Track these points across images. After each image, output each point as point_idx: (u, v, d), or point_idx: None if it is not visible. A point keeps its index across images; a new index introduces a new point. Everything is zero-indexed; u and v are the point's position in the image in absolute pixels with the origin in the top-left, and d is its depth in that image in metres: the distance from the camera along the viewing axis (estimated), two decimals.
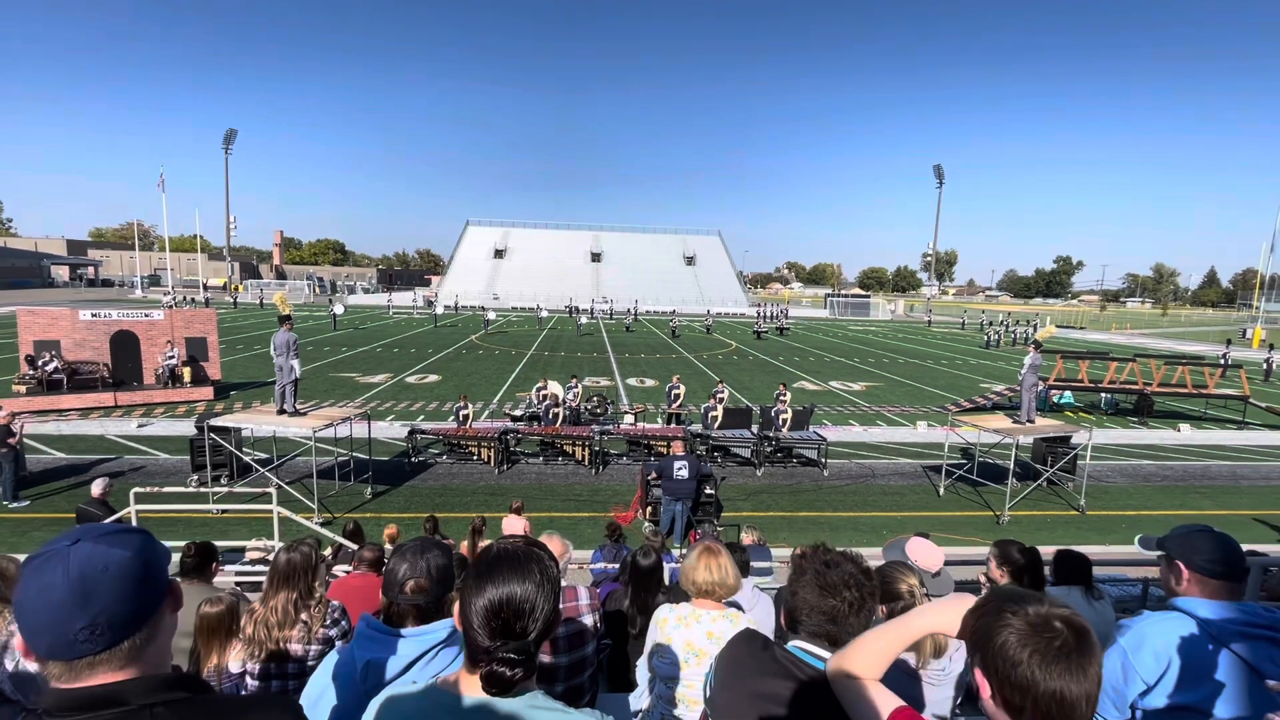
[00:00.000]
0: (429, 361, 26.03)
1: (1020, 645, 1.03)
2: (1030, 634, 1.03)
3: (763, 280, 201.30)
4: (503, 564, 1.17)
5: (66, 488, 10.63)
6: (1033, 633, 1.03)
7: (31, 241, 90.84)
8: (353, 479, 11.38)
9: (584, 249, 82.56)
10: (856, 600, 1.45)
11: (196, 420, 11.41)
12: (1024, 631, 1.04)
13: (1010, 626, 1.05)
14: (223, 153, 61.89)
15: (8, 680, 2.11)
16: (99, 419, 15.24)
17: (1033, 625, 1.04)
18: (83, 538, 0.96)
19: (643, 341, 37.09)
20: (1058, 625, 1.04)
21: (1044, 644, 1.02)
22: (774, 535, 9.43)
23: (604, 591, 3.80)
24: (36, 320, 16.89)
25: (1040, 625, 1.04)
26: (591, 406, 15.90)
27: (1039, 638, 1.03)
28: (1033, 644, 1.02)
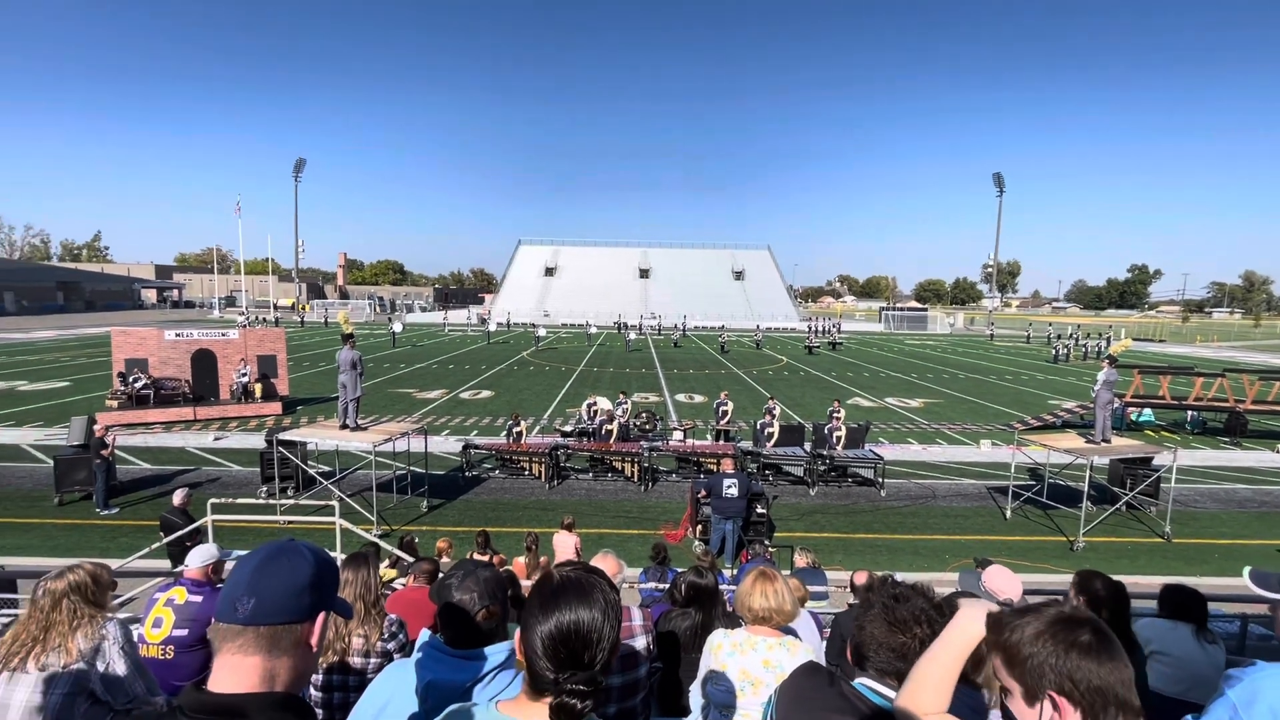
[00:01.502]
0: (482, 378, 26.66)
1: (1053, 641, 1.09)
2: (1059, 630, 1.10)
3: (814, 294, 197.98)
4: (568, 593, 1.17)
5: (151, 497, 11.34)
6: (1061, 629, 1.10)
7: (125, 267, 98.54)
8: (410, 492, 11.71)
9: (632, 265, 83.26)
10: (928, 637, 1.38)
11: (266, 434, 12.00)
12: (1052, 628, 1.11)
13: (1036, 627, 1.12)
14: (293, 180, 65.71)
15: (99, 682, 2.24)
16: (180, 432, 16.24)
17: (1058, 622, 1.12)
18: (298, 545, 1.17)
19: (691, 357, 36.96)
20: (1081, 621, 1.12)
21: (1072, 637, 1.09)
22: (828, 558, 9.15)
23: (656, 612, 3.75)
24: (128, 340, 18.22)
25: (1066, 622, 1.11)
26: (640, 423, 15.90)
27: (1067, 632, 1.10)
28: (1064, 638, 1.09)
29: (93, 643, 2.26)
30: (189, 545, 7.38)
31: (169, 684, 3.41)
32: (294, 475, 11.54)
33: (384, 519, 10.41)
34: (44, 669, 2.15)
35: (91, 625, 2.28)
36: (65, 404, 18.88)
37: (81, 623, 2.27)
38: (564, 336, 49.67)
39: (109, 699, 2.26)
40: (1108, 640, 1.09)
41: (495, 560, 7.27)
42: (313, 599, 1.11)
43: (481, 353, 36.47)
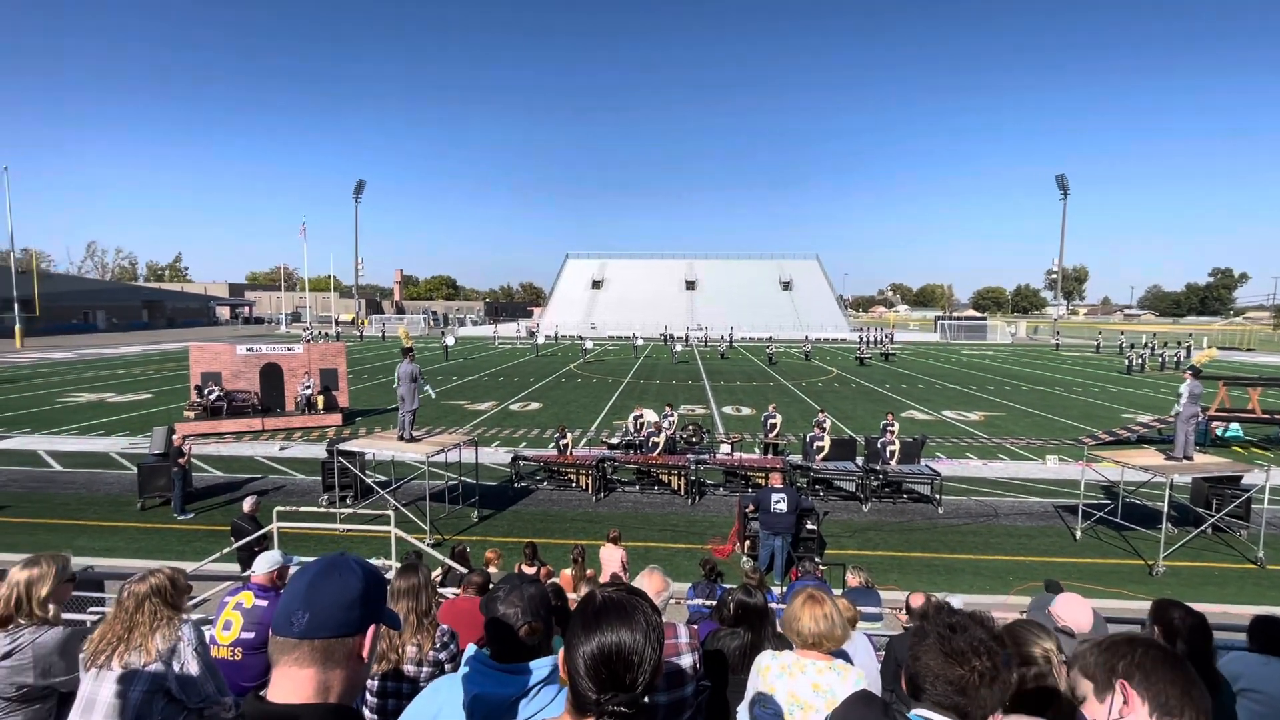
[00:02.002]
0: (531, 390, 27.12)
1: None
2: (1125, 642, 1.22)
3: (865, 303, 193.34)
4: (609, 614, 1.17)
5: (222, 503, 11.99)
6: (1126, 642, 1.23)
7: (202, 286, 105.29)
8: (461, 502, 11.98)
9: (678, 277, 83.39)
10: (988, 671, 1.32)
11: (327, 445, 12.53)
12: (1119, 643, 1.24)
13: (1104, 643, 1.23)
14: (353, 201, 68.90)
15: (174, 681, 2.38)
16: (249, 441, 17.14)
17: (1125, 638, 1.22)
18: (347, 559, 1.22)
19: (738, 369, 36.61)
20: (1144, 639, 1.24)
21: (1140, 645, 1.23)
22: (883, 577, 8.85)
23: (703, 630, 3.71)
24: (204, 355, 19.41)
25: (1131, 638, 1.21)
26: (687, 435, 15.83)
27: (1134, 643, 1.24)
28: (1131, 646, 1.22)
29: (170, 643, 2.40)
30: (257, 551, 7.76)
31: (237, 684, 3.59)
32: (353, 484, 11.99)
33: (436, 528, 10.68)
34: (126, 667, 2.30)
35: (169, 627, 2.43)
36: (148, 415, 20.21)
37: (160, 624, 2.42)
38: (610, 349, 50.04)
39: (183, 697, 2.40)
40: (1170, 650, 1.12)
41: (543, 572, 7.35)
42: (363, 612, 1.15)
43: (530, 365, 37.12)
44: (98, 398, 23.72)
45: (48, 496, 12.25)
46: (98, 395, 24.26)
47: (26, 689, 2.42)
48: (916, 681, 1.41)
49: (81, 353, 41.52)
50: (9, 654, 2.39)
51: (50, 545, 9.69)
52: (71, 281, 73.33)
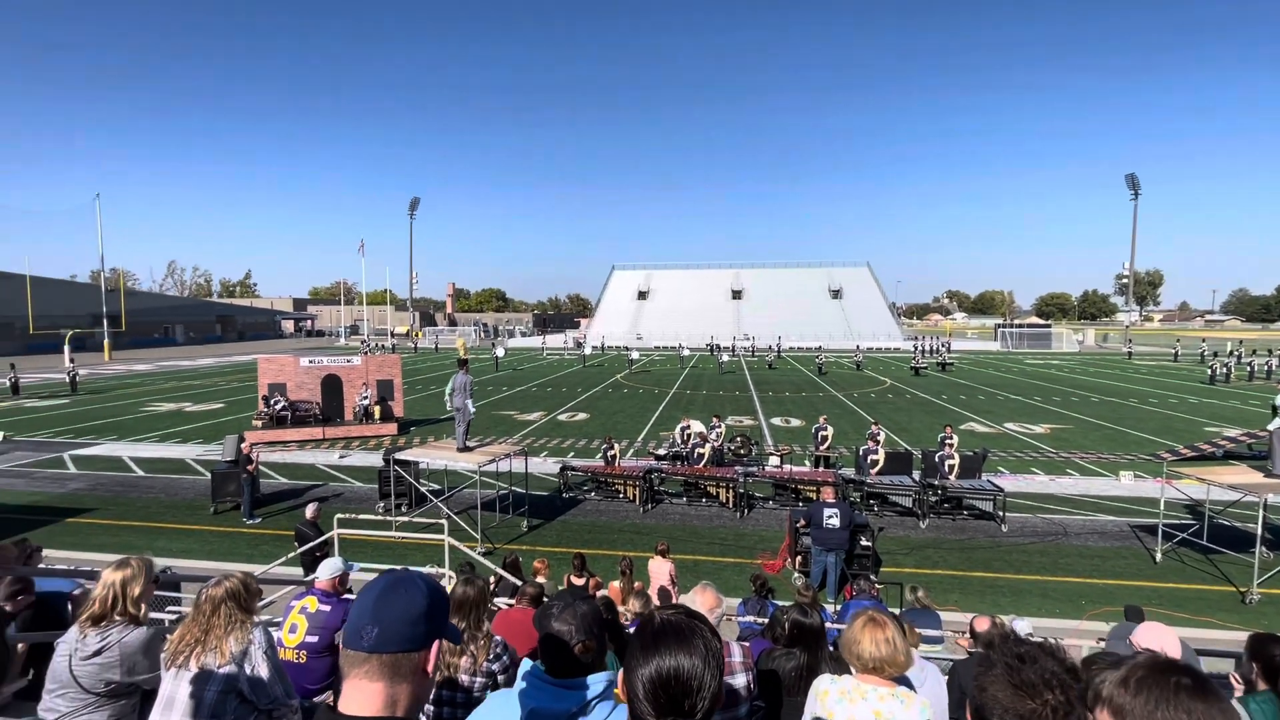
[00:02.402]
0: (578, 400, 27.39)
1: None
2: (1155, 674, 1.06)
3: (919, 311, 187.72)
4: (668, 637, 1.16)
5: (286, 509, 12.54)
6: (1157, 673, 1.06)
7: (269, 301, 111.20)
8: (511, 511, 12.16)
9: (724, 287, 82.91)
10: (1062, 705, 1.24)
11: (384, 454, 12.95)
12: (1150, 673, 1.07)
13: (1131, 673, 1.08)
14: (408, 217, 71.49)
15: (246, 682, 2.49)
16: (311, 450, 17.90)
17: (1154, 667, 1.07)
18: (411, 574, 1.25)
19: (787, 379, 36.02)
20: (1176, 665, 1.07)
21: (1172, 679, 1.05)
22: (943, 597, 8.49)
23: (756, 648, 3.64)
24: (271, 366, 20.43)
25: (1162, 667, 1.07)
26: (735, 447, 15.65)
27: (1166, 675, 1.06)
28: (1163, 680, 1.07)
29: (242, 646, 2.51)
30: (319, 556, 8.07)
31: (301, 686, 3.72)
32: (408, 492, 12.34)
33: (488, 537, 10.87)
34: (203, 668, 2.42)
35: (242, 630, 2.55)
36: (221, 423, 21.39)
37: (234, 627, 2.54)
38: (656, 359, 50.10)
39: (254, 699, 2.50)
40: (1208, 682, 1.04)
41: (592, 583, 7.37)
42: (428, 628, 1.18)
43: (577, 376, 37.52)
44: (176, 407, 25.27)
45: (130, 500, 13.09)
46: (175, 405, 25.84)
47: (114, 685, 2.58)
48: (983, 714, 1.33)
49: (161, 365, 44.37)
50: (99, 651, 2.55)
51: (133, 547, 10.35)
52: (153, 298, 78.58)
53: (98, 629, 2.58)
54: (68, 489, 13.82)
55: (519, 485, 12.73)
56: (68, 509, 12.42)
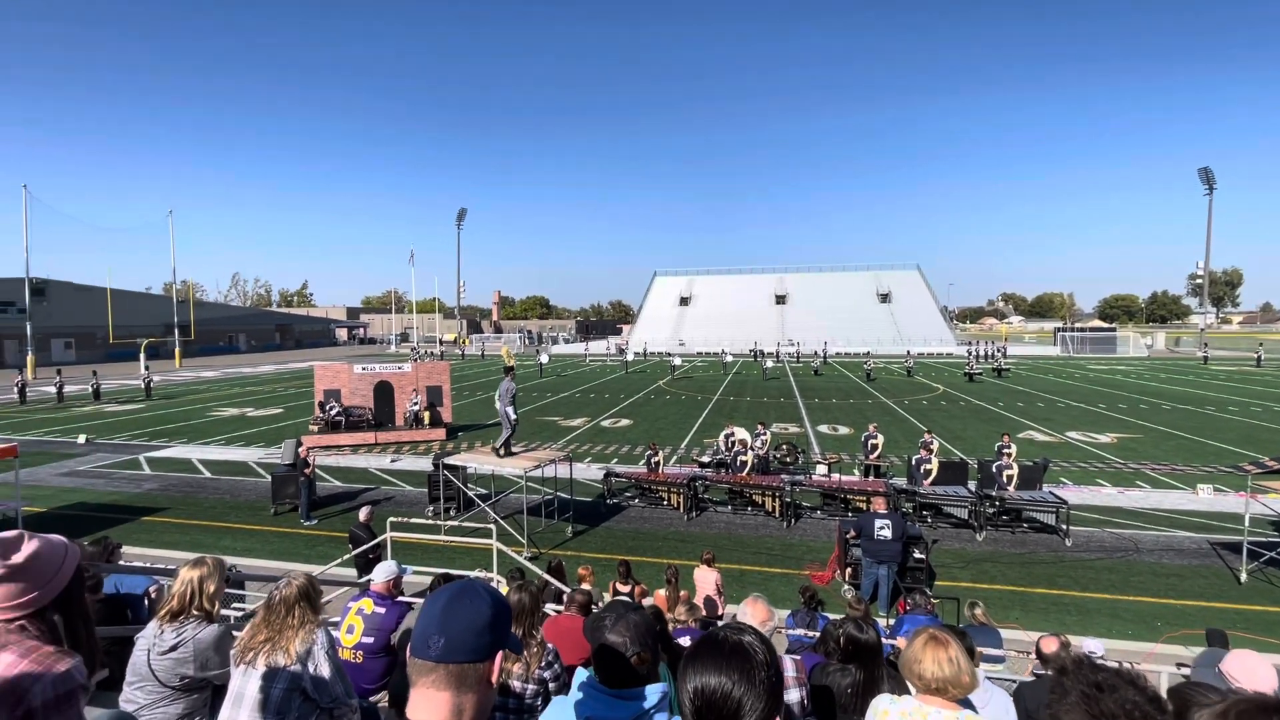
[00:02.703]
0: (621, 406, 27.49)
1: None
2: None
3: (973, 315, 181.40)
4: (716, 654, 1.15)
5: (340, 511, 12.98)
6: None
7: (324, 310, 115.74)
8: (556, 517, 12.27)
9: (768, 292, 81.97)
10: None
11: (433, 458, 13.28)
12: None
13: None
14: (455, 228, 73.41)
15: (309, 681, 2.58)
16: (364, 454, 18.51)
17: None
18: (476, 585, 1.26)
19: (834, 386, 35.29)
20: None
21: None
22: (1002, 614, 8.14)
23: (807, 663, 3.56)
24: (326, 373, 21.26)
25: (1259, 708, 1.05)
26: (781, 455, 15.41)
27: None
28: None
29: (306, 646, 2.60)
30: (372, 558, 8.33)
31: (358, 686, 3.83)
32: (456, 497, 12.61)
33: (533, 542, 10.99)
34: (270, 666, 2.52)
35: (306, 630, 2.64)
36: (280, 428, 22.36)
37: (301, 628, 2.63)
38: (699, 365, 49.87)
39: (316, 697, 2.59)
40: None
41: (637, 591, 7.36)
42: (492, 638, 1.19)
43: (620, 382, 37.68)
44: (239, 412, 26.55)
45: (199, 500, 13.80)
46: (239, 410, 27.15)
47: (188, 679, 2.70)
48: None
49: (226, 371, 46.73)
50: (175, 647, 2.68)
51: (202, 545, 10.90)
52: (219, 309, 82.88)
53: (174, 625, 2.71)
54: (143, 489, 14.67)
55: (564, 491, 12.84)
56: (143, 508, 13.17)
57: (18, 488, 12.20)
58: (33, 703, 1.38)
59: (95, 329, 54.46)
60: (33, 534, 1.56)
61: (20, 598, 1.49)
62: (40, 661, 1.43)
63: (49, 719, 1.40)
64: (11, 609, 1.48)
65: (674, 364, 42.00)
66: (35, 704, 1.39)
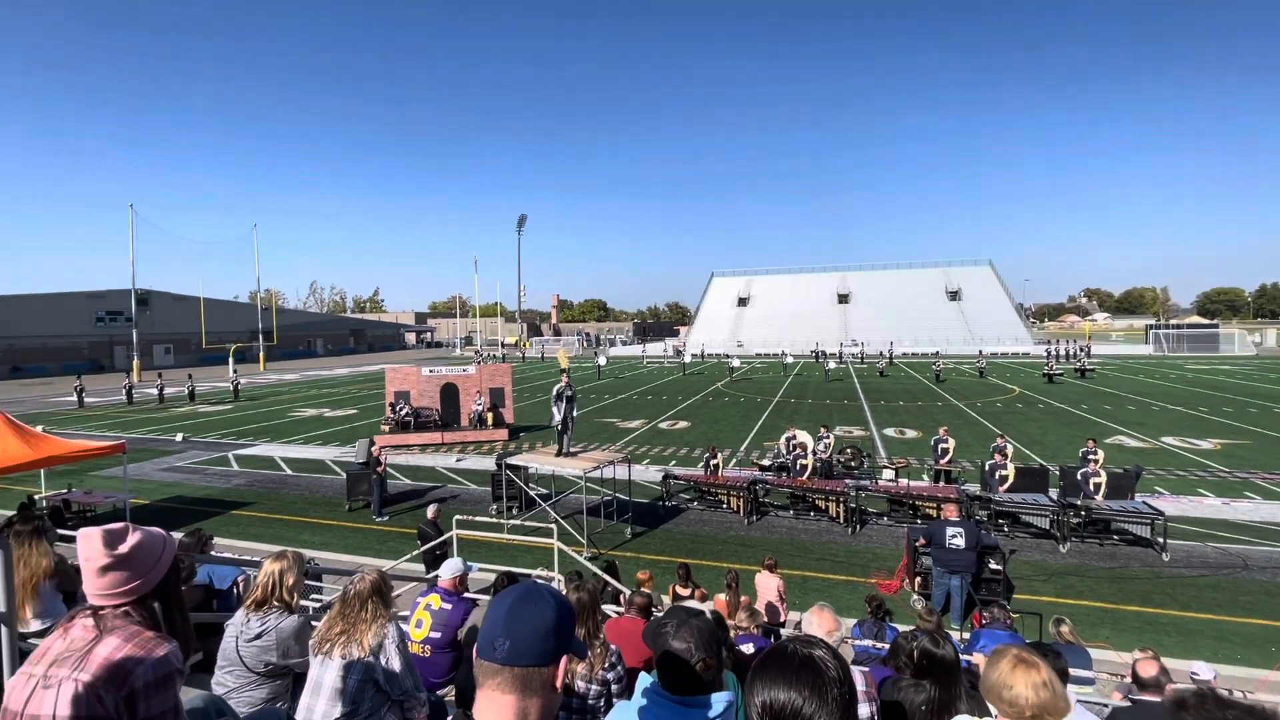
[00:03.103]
0: (679, 408, 27.41)
1: None
2: None
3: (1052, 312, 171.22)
4: (791, 669, 1.11)
5: (410, 509, 13.50)
6: None
7: (393, 315, 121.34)
8: (615, 518, 12.34)
9: (829, 291, 79.98)
10: None
11: (496, 458, 13.61)
12: None
13: None
14: (516, 234, 75.27)
15: (381, 673, 2.67)
16: (431, 453, 19.20)
17: None
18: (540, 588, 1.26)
19: (900, 387, 34.01)
20: None
21: None
22: (1090, 632, 7.61)
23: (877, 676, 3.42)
24: (396, 376, 22.20)
25: None
26: (845, 459, 14.98)
27: None
28: None
29: (378, 639, 2.70)
30: (439, 554, 8.61)
31: (427, 680, 3.95)
32: (518, 496, 12.88)
33: (593, 542, 11.09)
34: (345, 657, 2.63)
35: (378, 625, 2.74)
36: (355, 428, 23.50)
37: (374, 622, 2.74)
38: (758, 367, 49.14)
39: (388, 689, 2.68)
40: None
41: (697, 595, 7.29)
42: (556, 643, 1.18)
43: (678, 384, 37.59)
44: (317, 412, 28.08)
45: (281, 496, 14.66)
46: (317, 410, 28.72)
47: (271, 666, 2.86)
48: None
49: (306, 374, 49.56)
50: (259, 635, 2.84)
51: (284, 539, 11.57)
52: (298, 315, 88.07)
53: (259, 614, 2.88)
54: (231, 484, 15.72)
55: (622, 492, 12.90)
56: (232, 502, 14.12)
57: (125, 481, 13.34)
58: (135, 684, 1.49)
59: (190, 335, 59.00)
60: (136, 526, 1.68)
61: (124, 585, 1.60)
62: (142, 646, 1.54)
63: (149, 699, 1.51)
64: (117, 596, 1.60)
65: (732, 366, 41.54)
66: (138, 685, 1.49)
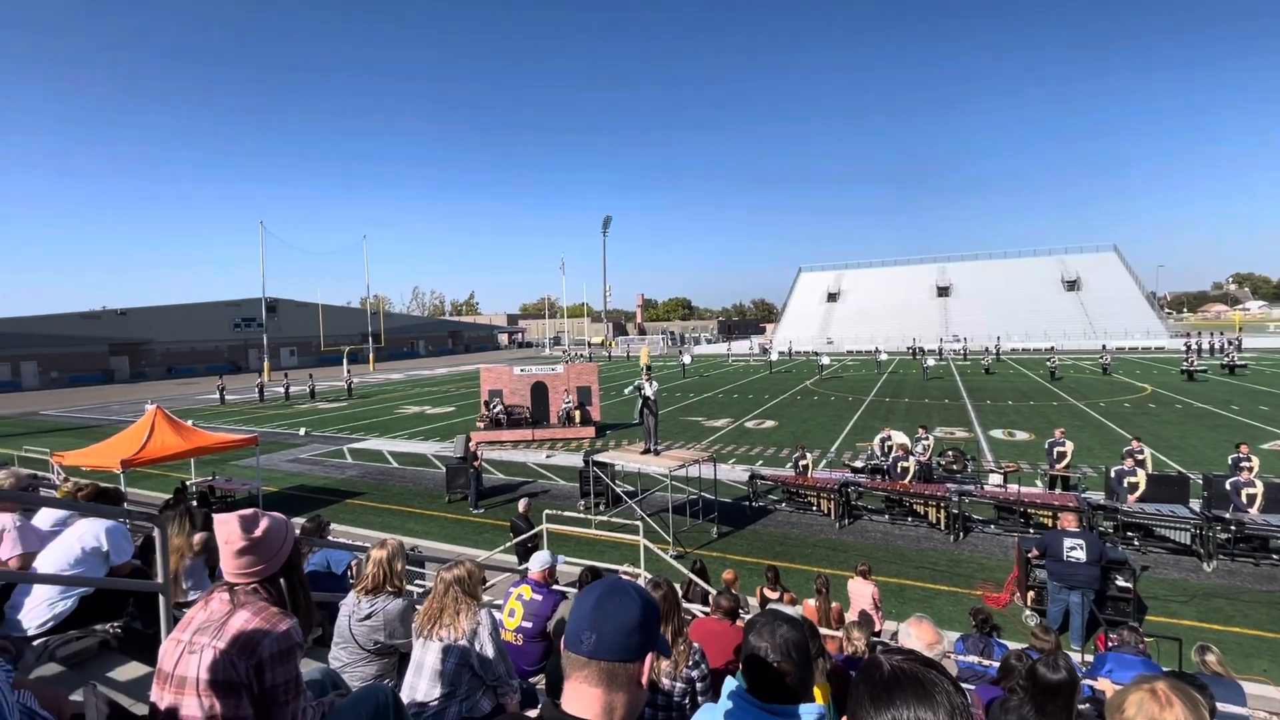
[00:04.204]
0: (766, 407, 26.89)
1: None
2: None
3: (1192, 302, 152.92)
4: (904, 688, 1.04)
5: (503, 502, 14.09)
6: None
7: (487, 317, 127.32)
8: (700, 517, 12.29)
9: (928, 283, 75.65)
10: None
11: (584, 455, 13.94)
12: None
13: None
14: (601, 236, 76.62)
15: (476, 658, 2.80)
16: (523, 449, 19.95)
17: None
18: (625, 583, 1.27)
19: (1008, 385, 31.59)
20: None
21: None
22: (1243, 663, 6.74)
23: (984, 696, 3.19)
24: (490, 375, 23.25)
25: None
26: (946, 462, 14.14)
27: None
28: None
29: (472, 625, 2.84)
30: (530, 546, 8.94)
31: (518, 667, 4.12)
32: (605, 492, 13.13)
33: (678, 540, 11.10)
34: (442, 640, 2.79)
35: (470, 611, 2.88)
36: (453, 424, 24.85)
37: (463, 608, 2.88)
38: (850, 365, 47.27)
39: (482, 674, 2.81)
40: None
41: (786, 598, 7.13)
42: (641, 639, 1.19)
43: (764, 382, 36.88)
44: (419, 410, 29.93)
45: (388, 487, 15.75)
46: (419, 408, 30.61)
47: (380, 645, 3.08)
48: None
49: (410, 374, 52.95)
50: (369, 616, 3.07)
51: (390, 527, 12.42)
52: (402, 319, 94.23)
53: (369, 597, 3.10)
54: (346, 475, 17.07)
55: (708, 491, 12.83)
56: (347, 491, 15.33)
57: (259, 470, 14.82)
58: (263, 655, 1.65)
59: (311, 338, 64.67)
60: (264, 513, 1.86)
61: (256, 566, 1.78)
62: (269, 620, 1.70)
63: (274, 669, 1.67)
64: (249, 575, 1.78)
65: (822, 363, 40.20)
66: (265, 655, 1.65)
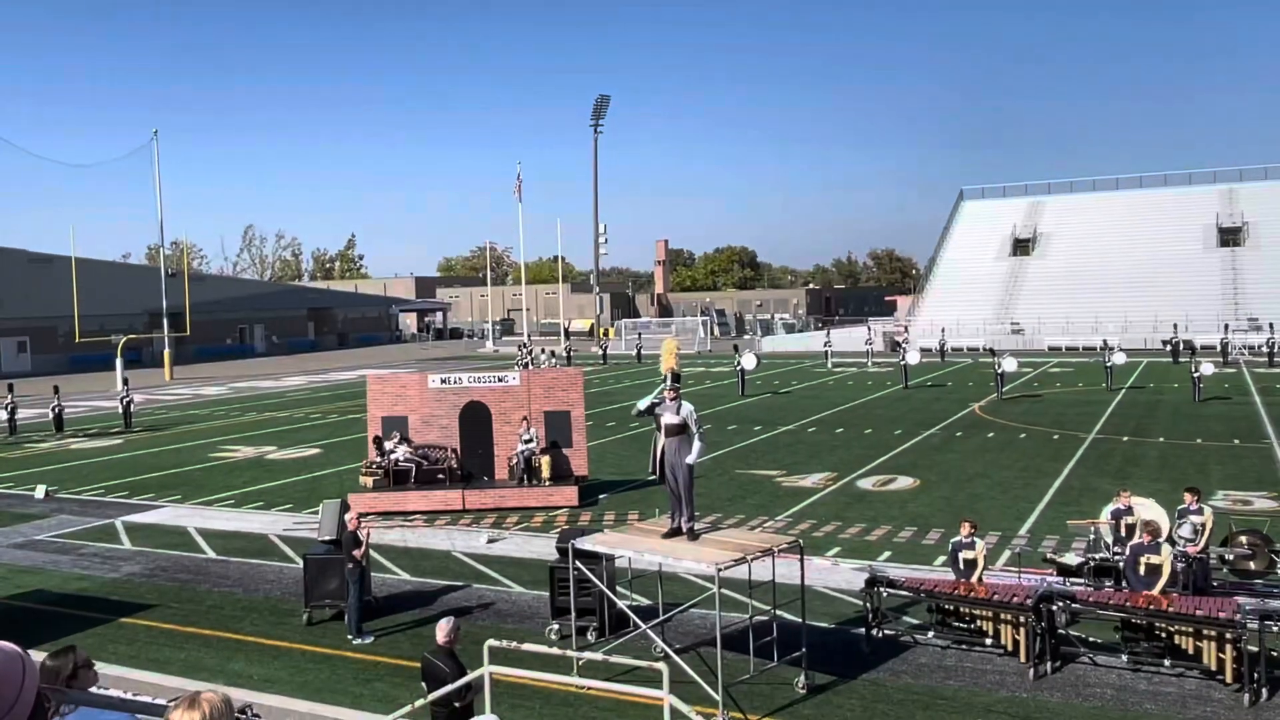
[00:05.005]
0: (896, 452, 27.00)
1: None
2: None
3: None
4: None
5: (410, 624, 14.16)
6: None
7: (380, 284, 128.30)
8: (775, 655, 12.22)
9: (1199, 221, 75.62)
10: None
11: (558, 540, 13.94)
12: None
13: None
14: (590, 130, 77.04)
15: None
16: (445, 526, 20.08)
17: None
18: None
19: None
20: None
21: None
22: None
23: None
24: (385, 390, 23.46)
25: None
26: (1235, 555, 14.21)
27: None
28: None
29: None
30: (459, 706, 8.92)
31: None
32: (597, 608, 13.08)
33: (733, 700, 11.04)
34: None
35: None
36: (316, 478, 25.17)
37: None
38: (1053, 370, 47.13)
39: None
40: None
41: None
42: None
43: (894, 404, 37.02)
44: (256, 452, 30.34)
45: (199, 596, 15.92)
46: (255, 449, 31.04)
47: None
48: None
49: (236, 386, 53.70)
50: None
51: (203, 667, 12.53)
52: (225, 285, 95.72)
53: None
54: (121, 573, 17.38)
55: (790, 609, 12.77)
56: (121, 602, 15.54)
57: None
58: None
59: (57, 322, 65.31)
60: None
61: None
62: None
63: None
64: None
65: (1001, 368, 40.01)
66: None
